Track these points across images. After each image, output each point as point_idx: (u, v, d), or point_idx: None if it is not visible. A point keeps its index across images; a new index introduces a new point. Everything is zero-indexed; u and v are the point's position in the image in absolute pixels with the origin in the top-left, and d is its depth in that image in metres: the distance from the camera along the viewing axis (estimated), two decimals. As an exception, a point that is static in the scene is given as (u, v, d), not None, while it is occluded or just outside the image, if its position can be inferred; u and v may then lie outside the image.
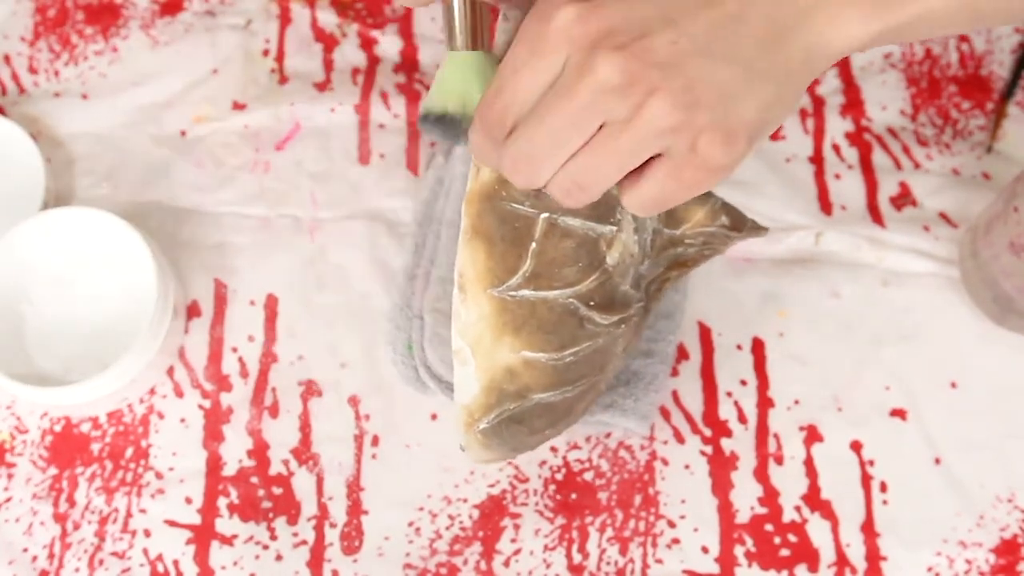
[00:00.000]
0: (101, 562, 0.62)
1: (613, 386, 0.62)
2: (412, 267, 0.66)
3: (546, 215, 0.49)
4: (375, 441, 0.65)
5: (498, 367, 0.49)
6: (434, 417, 0.65)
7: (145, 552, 0.62)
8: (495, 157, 0.44)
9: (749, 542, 0.62)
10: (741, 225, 0.56)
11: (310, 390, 0.66)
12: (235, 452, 0.64)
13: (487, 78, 0.47)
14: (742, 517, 0.63)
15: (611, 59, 0.40)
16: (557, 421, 0.53)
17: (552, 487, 0.63)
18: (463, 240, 0.48)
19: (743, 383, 0.66)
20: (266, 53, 0.74)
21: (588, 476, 0.64)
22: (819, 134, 0.72)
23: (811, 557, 0.62)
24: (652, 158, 0.42)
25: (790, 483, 0.64)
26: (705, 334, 0.67)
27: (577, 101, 0.41)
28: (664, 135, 0.40)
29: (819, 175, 0.70)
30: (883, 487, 0.63)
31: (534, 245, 0.49)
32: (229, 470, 0.64)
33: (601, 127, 0.41)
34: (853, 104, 0.72)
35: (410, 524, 0.63)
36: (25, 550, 0.62)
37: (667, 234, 0.55)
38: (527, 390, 0.50)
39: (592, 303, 0.50)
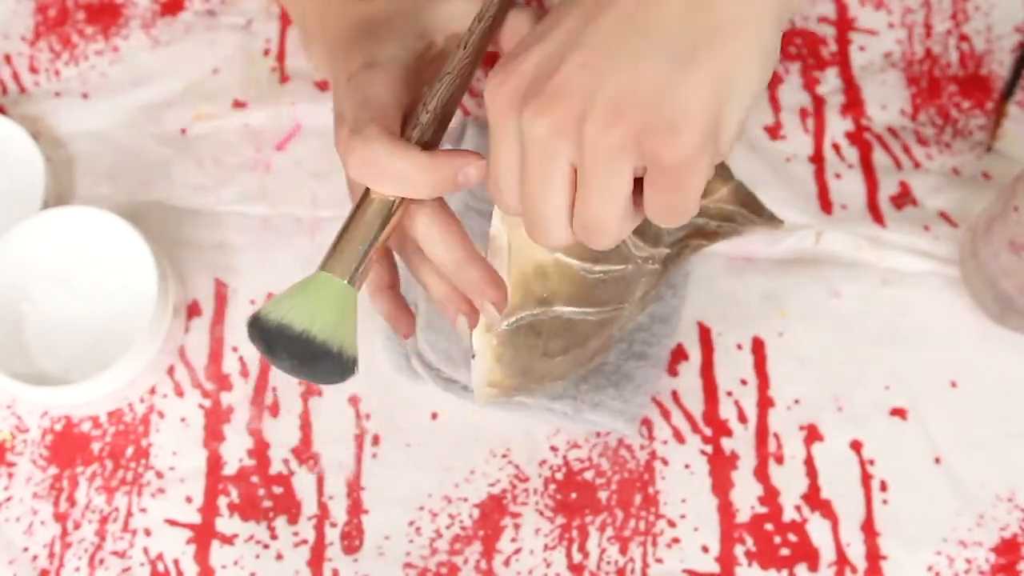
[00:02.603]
0: (101, 561, 0.62)
1: (603, 387, 0.62)
2: None
3: None
4: (375, 441, 0.65)
5: (530, 263, 0.48)
6: (434, 416, 0.65)
7: (145, 551, 0.62)
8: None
9: (749, 541, 0.62)
10: (760, 210, 0.57)
11: (310, 389, 0.66)
12: (235, 451, 0.64)
13: (347, 313, 0.45)
14: (742, 516, 0.63)
15: (533, 112, 0.39)
16: (570, 349, 0.53)
17: (552, 486, 0.63)
18: None
19: (743, 383, 0.66)
20: (267, 53, 0.74)
21: (588, 475, 0.64)
22: (819, 133, 0.72)
23: (811, 556, 0.62)
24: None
25: (790, 482, 0.64)
26: (705, 334, 0.67)
27: (535, 162, 0.40)
28: (618, 153, 0.39)
29: (819, 174, 0.70)
30: (883, 486, 0.63)
31: None
32: (229, 469, 0.64)
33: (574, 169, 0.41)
34: (853, 104, 0.72)
35: (410, 523, 0.63)
36: (25, 549, 0.62)
37: None
38: (553, 297, 0.49)
39: None
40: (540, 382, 0.56)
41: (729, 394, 0.65)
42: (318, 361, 0.44)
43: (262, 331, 0.45)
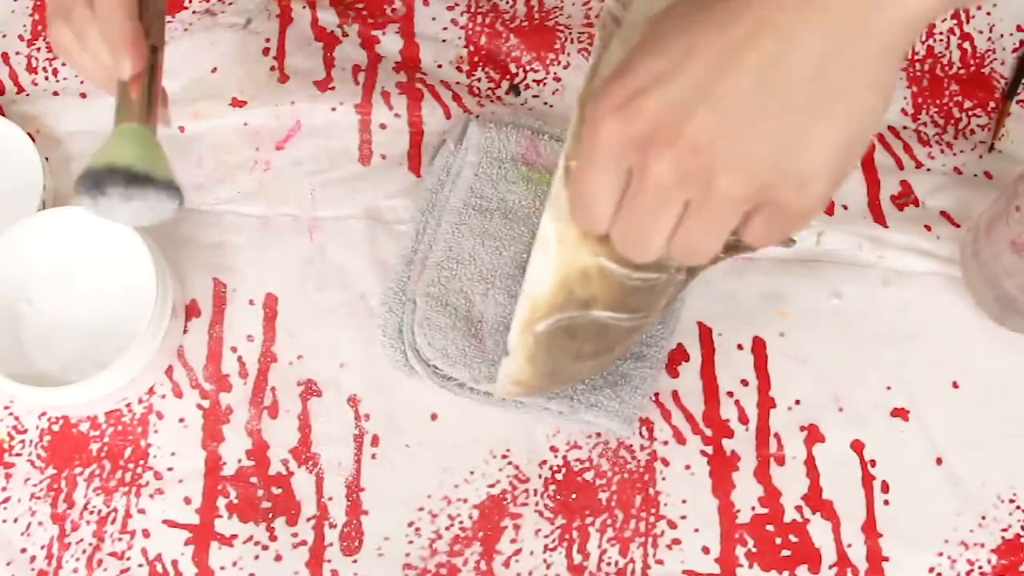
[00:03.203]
0: (100, 562, 0.62)
1: (599, 387, 0.62)
2: (410, 252, 0.66)
3: None
4: (375, 441, 0.64)
5: (576, 266, 0.49)
6: (434, 417, 0.65)
7: (144, 552, 0.62)
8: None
9: (750, 542, 0.62)
10: None
11: (309, 390, 0.65)
12: (234, 452, 0.64)
13: (152, 147, 0.55)
14: (743, 517, 0.63)
15: (662, 159, 0.40)
16: (600, 353, 0.53)
17: (552, 487, 0.63)
18: (574, 131, 0.48)
19: (744, 383, 0.66)
20: (266, 52, 0.74)
21: (588, 476, 0.64)
22: (820, 133, 0.71)
23: (812, 558, 0.62)
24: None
25: (791, 483, 0.63)
26: (706, 334, 0.67)
27: (649, 199, 0.42)
28: (743, 201, 0.41)
29: (820, 174, 0.70)
30: (884, 487, 0.63)
31: None
32: (228, 470, 0.64)
33: (688, 202, 0.42)
34: (854, 103, 0.72)
35: (410, 524, 0.63)
36: (23, 550, 0.62)
37: None
38: (593, 301, 0.50)
39: None
40: (563, 384, 0.56)
41: (730, 394, 0.65)
42: (146, 186, 0.53)
43: (94, 176, 0.53)
